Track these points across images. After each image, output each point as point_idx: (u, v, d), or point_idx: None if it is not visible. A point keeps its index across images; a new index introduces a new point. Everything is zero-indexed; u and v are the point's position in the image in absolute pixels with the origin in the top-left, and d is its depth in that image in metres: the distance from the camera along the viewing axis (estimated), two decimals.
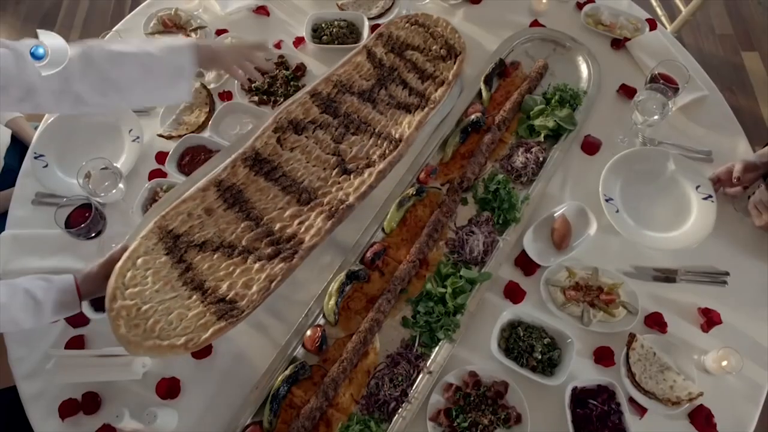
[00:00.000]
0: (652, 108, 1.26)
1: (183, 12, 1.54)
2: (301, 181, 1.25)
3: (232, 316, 1.06)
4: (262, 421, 1.10)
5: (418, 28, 1.49)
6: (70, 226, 1.11)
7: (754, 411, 1.14)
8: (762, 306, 1.22)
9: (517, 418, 1.10)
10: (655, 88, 1.26)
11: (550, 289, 1.22)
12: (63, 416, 1.10)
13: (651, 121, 1.26)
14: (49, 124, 1.39)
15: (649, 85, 1.27)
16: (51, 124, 1.38)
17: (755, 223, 1.27)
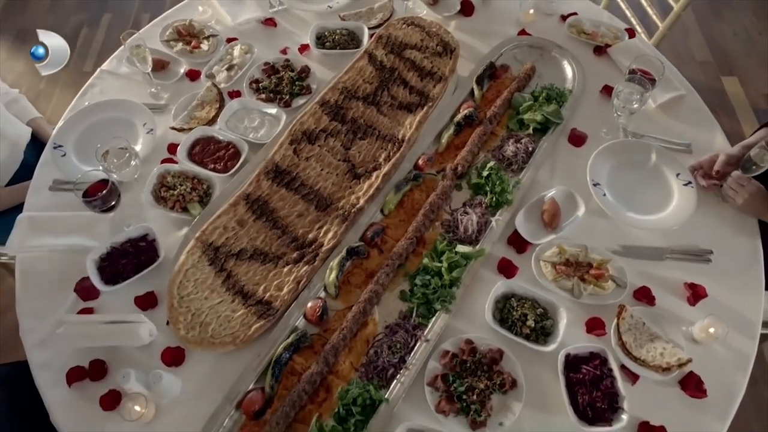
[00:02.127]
0: (632, 97, 1.35)
1: (197, 23, 1.67)
2: (318, 188, 1.37)
3: (269, 315, 1.20)
4: (264, 386, 1.13)
5: (414, 28, 1.62)
6: (88, 197, 1.18)
7: (742, 379, 1.17)
8: (745, 280, 1.28)
9: (513, 383, 1.13)
10: (634, 80, 1.36)
11: (541, 264, 1.27)
12: (70, 382, 1.13)
13: (631, 108, 1.35)
14: (69, 118, 1.48)
15: (628, 76, 1.37)
16: (71, 118, 1.48)
17: (737, 202, 1.33)
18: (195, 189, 1.35)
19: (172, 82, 1.56)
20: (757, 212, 1.34)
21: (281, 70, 1.57)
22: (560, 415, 1.10)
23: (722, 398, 1.14)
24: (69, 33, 2.89)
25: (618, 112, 1.39)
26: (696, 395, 1.13)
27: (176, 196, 1.33)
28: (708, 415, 1.13)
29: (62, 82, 2.63)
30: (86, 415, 1.11)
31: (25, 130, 1.56)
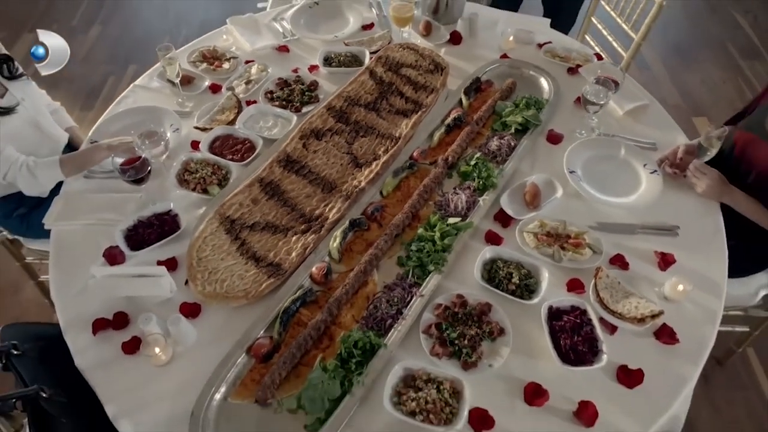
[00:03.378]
0: (599, 94, 1.56)
1: (220, 48, 1.91)
2: (323, 175, 1.54)
3: (278, 274, 1.33)
4: (272, 335, 1.23)
5: (409, 51, 1.85)
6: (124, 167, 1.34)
7: (711, 331, 1.27)
8: (709, 250, 1.41)
9: (500, 331, 1.23)
10: (599, 81, 1.57)
11: (524, 234, 1.41)
12: (95, 331, 1.24)
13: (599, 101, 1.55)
14: (104, 120, 1.68)
15: (595, 79, 1.58)
16: (106, 120, 1.68)
17: (699, 189, 1.49)
18: (215, 173, 1.52)
19: (196, 93, 1.77)
20: (718, 196, 1.49)
21: (293, 83, 1.79)
22: (545, 359, 1.20)
23: (693, 347, 1.24)
24: (97, 81, 3.18)
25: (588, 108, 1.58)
26: (669, 342, 1.24)
27: (198, 179, 1.49)
28: (681, 359, 1.22)
29: (89, 120, 2.87)
30: (108, 359, 1.21)
31: (63, 135, 1.75)
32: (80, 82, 3.16)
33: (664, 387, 1.18)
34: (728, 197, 1.47)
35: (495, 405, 1.14)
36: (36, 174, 1.48)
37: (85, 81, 3.18)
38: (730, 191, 1.47)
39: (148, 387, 1.17)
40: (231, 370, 1.17)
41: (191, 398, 1.13)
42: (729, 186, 1.47)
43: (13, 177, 1.46)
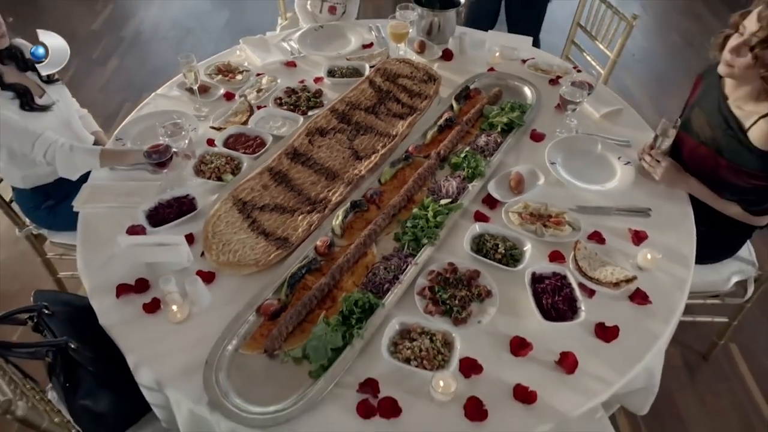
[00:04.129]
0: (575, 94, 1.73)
1: (233, 62, 2.11)
2: (327, 165, 1.69)
3: (286, 247, 1.46)
4: (280, 297, 1.35)
5: (405, 64, 2.05)
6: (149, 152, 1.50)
7: (680, 296, 1.39)
8: (678, 229, 1.54)
9: (488, 293, 1.36)
10: (575, 84, 1.75)
11: (510, 214, 1.55)
12: (118, 294, 1.36)
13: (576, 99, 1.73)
14: (128, 121, 1.85)
15: (572, 81, 1.76)
16: (130, 121, 1.85)
17: (656, 177, 1.63)
18: (228, 164, 1.67)
19: (211, 100, 1.95)
20: (673, 183, 1.63)
21: (299, 92, 1.97)
22: (529, 317, 1.32)
23: (664, 308, 1.36)
24: (114, 107, 3.39)
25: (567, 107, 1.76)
26: (642, 303, 1.36)
27: (212, 169, 1.64)
28: (653, 319, 1.34)
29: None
30: (130, 317, 1.32)
31: (89, 137, 1.92)
32: (98, 108, 3.35)
33: (638, 341, 1.29)
34: (683, 184, 1.62)
35: (483, 355, 1.25)
36: (75, 156, 1.63)
37: (103, 107, 3.38)
38: (684, 178, 1.62)
39: (166, 341, 1.28)
40: (242, 326, 1.29)
41: (205, 351, 1.23)
42: (683, 173, 1.62)
43: (52, 156, 1.61)
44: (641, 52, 3.91)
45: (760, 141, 1.47)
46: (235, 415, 1.14)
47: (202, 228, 1.48)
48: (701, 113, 1.65)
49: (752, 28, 1.41)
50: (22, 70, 1.72)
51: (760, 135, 1.47)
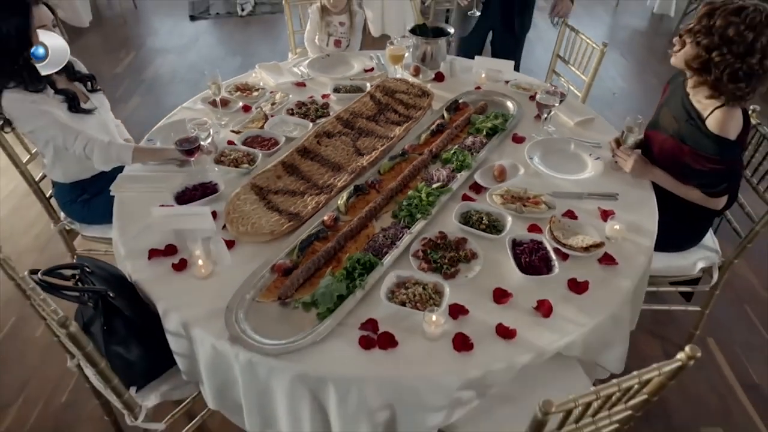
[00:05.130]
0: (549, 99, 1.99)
1: (249, 82, 2.39)
2: (333, 160, 1.93)
3: (297, 220, 1.67)
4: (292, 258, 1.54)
5: (402, 82, 2.33)
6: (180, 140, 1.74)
7: (645, 261, 1.58)
8: (642, 209, 1.75)
9: (473, 255, 1.55)
10: (549, 92, 2.01)
11: (493, 197, 1.76)
12: (150, 257, 1.55)
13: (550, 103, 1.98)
14: (159, 126, 2.10)
15: (546, 91, 2.02)
16: (160, 127, 2.10)
17: (626, 169, 1.86)
18: (245, 157, 1.90)
19: (231, 112, 2.21)
20: (641, 174, 1.85)
21: (309, 104, 2.24)
22: (510, 274, 1.50)
23: (629, 268, 1.54)
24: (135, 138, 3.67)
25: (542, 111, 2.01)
26: (609, 263, 1.54)
27: (231, 159, 1.88)
28: (619, 276, 1.52)
29: None
30: (160, 275, 1.51)
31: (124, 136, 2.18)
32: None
33: (606, 293, 1.47)
34: (650, 174, 1.84)
35: (469, 302, 1.42)
36: (111, 149, 1.86)
37: None
38: (651, 169, 1.84)
39: (192, 292, 1.46)
40: (259, 280, 1.47)
41: (226, 300, 1.41)
42: (650, 165, 1.85)
43: (91, 149, 1.83)
44: (621, 91, 4.25)
45: (716, 127, 1.70)
46: (252, 345, 1.31)
47: (224, 207, 1.69)
48: (668, 111, 1.89)
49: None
50: (71, 80, 1.98)
51: (716, 122, 1.71)
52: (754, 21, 1.59)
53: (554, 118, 2.17)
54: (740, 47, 1.61)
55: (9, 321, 2.39)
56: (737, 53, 1.62)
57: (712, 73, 1.67)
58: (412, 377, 1.29)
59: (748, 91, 1.67)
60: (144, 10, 5.64)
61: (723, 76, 1.65)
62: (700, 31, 1.67)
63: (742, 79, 1.64)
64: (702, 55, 1.67)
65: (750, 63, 1.61)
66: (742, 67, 1.62)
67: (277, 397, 1.36)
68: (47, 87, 1.86)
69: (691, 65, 1.72)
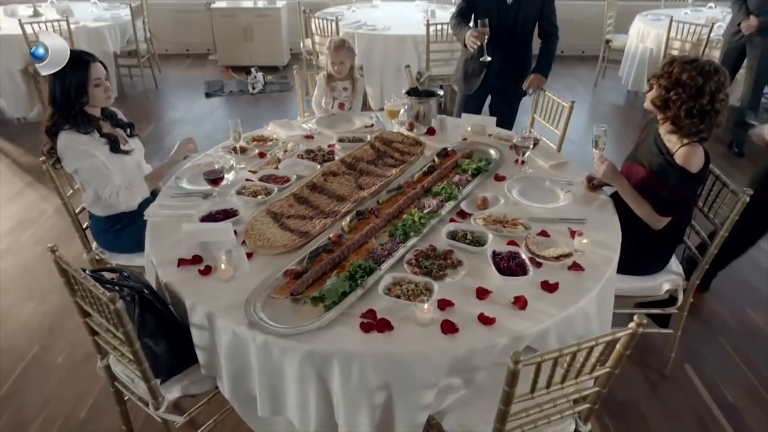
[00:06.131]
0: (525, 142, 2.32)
1: (264, 135, 2.73)
2: (338, 193, 2.22)
3: (307, 236, 1.93)
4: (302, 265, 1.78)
5: (398, 134, 2.67)
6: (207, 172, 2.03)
7: (607, 269, 1.81)
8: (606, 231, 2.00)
9: (459, 262, 1.79)
10: (524, 137, 2.34)
11: (477, 220, 2.02)
12: (179, 265, 1.79)
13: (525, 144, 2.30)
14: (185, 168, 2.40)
15: (522, 136, 2.35)
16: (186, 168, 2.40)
17: (599, 174, 2.15)
18: (262, 190, 2.19)
19: (248, 157, 2.53)
20: (611, 179, 2.14)
21: (316, 152, 2.56)
22: (490, 277, 1.73)
23: (595, 274, 1.78)
24: None
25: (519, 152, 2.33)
26: (577, 269, 1.78)
27: (250, 191, 2.16)
28: (586, 280, 1.75)
29: None
30: (187, 278, 1.74)
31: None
32: None
33: (574, 292, 1.70)
34: (618, 182, 2.13)
35: (455, 298, 1.64)
36: (133, 191, 2.17)
37: None
38: (620, 177, 2.13)
39: (215, 292, 1.68)
40: (273, 281, 1.70)
41: (245, 296, 1.64)
42: (619, 173, 2.14)
43: (116, 197, 2.16)
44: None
45: (681, 160, 2.00)
46: (268, 329, 1.52)
47: (243, 227, 1.95)
48: (644, 147, 2.21)
49: None
50: (114, 126, 2.32)
51: (681, 156, 2.01)
52: (703, 69, 1.96)
53: (532, 162, 2.49)
54: (692, 89, 1.96)
55: (32, 349, 2.56)
56: (690, 94, 1.96)
57: (671, 110, 2.01)
58: (406, 354, 1.49)
59: (702, 128, 1.99)
60: (164, 89, 6.18)
61: (680, 113, 1.98)
62: (662, 75, 2.03)
63: (696, 116, 1.97)
64: (663, 95, 2.02)
65: (701, 103, 1.95)
66: (695, 106, 1.96)
67: (287, 378, 1.55)
68: (95, 130, 2.19)
69: (655, 103, 2.06)
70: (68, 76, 2.07)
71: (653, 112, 2.12)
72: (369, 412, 1.53)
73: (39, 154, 2.22)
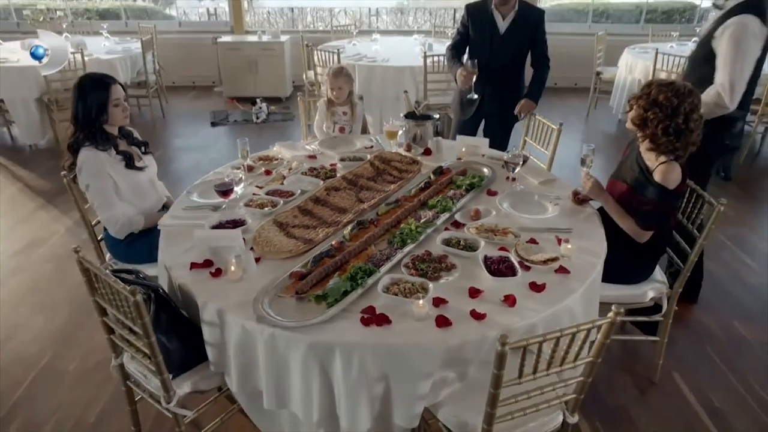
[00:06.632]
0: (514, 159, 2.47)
1: (270, 155, 2.89)
2: (339, 206, 2.37)
3: (311, 243, 2.06)
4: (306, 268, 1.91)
5: (396, 153, 2.83)
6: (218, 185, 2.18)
7: (591, 271, 1.94)
8: (590, 238, 2.14)
9: (453, 266, 1.92)
10: (514, 155, 2.50)
11: (470, 229, 2.16)
12: (191, 268, 1.91)
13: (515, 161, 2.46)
14: (196, 184, 2.55)
15: (512, 154, 2.51)
16: (196, 184, 2.55)
17: (585, 191, 2.29)
18: (269, 203, 2.33)
19: (255, 174, 2.68)
20: (596, 195, 2.28)
21: (319, 169, 2.72)
22: (482, 279, 1.86)
23: (580, 276, 1.90)
24: None
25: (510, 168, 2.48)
26: (563, 272, 1.90)
27: (258, 204, 2.30)
28: (571, 282, 1.87)
29: None
30: (199, 279, 1.86)
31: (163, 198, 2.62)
32: None
33: (560, 292, 1.82)
34: (602, 197, 2.27)
35: (449, 296, 1.76)
36: (132, 227, 2.37)
37: None
38: (604, 193, 2.27)
39: (226, 291, 1.80)
40: (280, 282, 1.83)
41: (254, 294, 1.76)
42: (603, 190, 2.28)
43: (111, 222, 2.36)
44: None
45: (659, 178, 2.15)
46: (274, 322, 1.63)
47: (251, 235, 2.09)
48: (627, 165, 2.37)
49: None
50: (129, 144, 2.48)
51: (659, 174, 2.15)
52: (679, 91, 2.12)
53: (522, 179, 2.64)
54: (668, 109, 2.12)
55: (44, 358, 2.65)
56: (666, 113, 2.12)
57: (649, 128, 2.16)
58: (402, 345, 1.60)
59: (678, 146, 2.14)
60: (171, 119, 6.41)
61: (657, 131, 2.14)
62: (641, 97, 2.20)
63: (672, 134, 2.13)
64: (641, 114, 2.18)
65: (677, 122, 2.11)
66: (671, 125, 2.12)
67: (292, 370, 1.66)
68: (112, 147, 2.35)
69: (635, 122, 2.22)
70: (90, 96, 2.24)
71: (633, 131, 2.28)
72: (368, 402, 1.63)
73: (50, 179, 2.42)
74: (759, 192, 4.67)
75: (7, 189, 4.47)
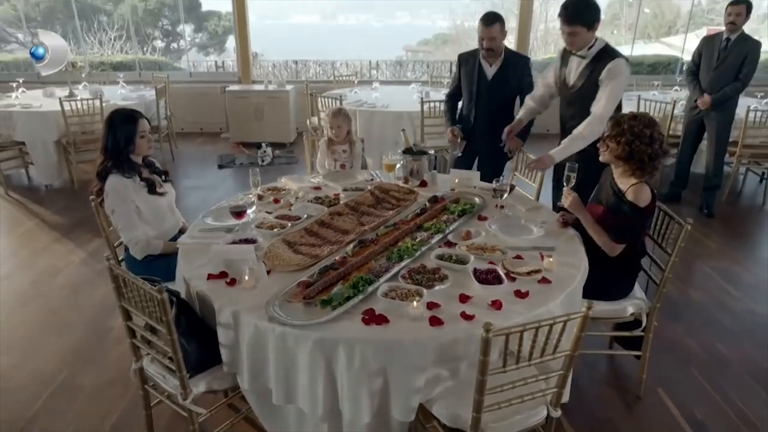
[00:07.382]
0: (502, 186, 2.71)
1: (278, 186, 3.13)
2: (342, 228, 2.59)
3: (316, 259, 2.27)
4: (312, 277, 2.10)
5: (394, 184, 3.08)
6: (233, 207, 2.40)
7: (571, 282, 2.13)
8: (571, 255, 2.35)
9: (445, 276, 2.11)
10: (501, 183, 2.74)
11: (461, 246, 2.37)
12: (208, 278, 2.11)
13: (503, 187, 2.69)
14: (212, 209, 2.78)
15: (498, 182, 2.75)
16: (212, 209, 2.77)
17: (566, 205, 2.50)
18: (277, 225, 2.55)
19: (264, 203, 2.91)
20: (576, 210, 2.49)
21: (323, 199, 2.95)
22: (472, 288, 2.05)
23: (561, 286, 2.10)
24: None
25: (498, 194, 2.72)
26: (546, 282, 2.10)
27: (268, 225, 2.52)
28: (553, 290, 2.07)
29: None
30: (215, 288, 2.05)
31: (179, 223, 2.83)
32: None
33: (542, 298, 2.01)
34: (581, 213, 2.48)
35: (441, 301, 1.95)
36: (150, 249, 2.56)
37: None
38: (582, 209, 2.48)
39: (240, 297, 1.99)
40: (289, 290, 2.02)
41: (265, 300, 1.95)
42: (582, 206, 2.50)
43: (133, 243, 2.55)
44: None
45: (631, 197, 2.38)
46: (284, 321, 1.82)
47: (262, 252, 2.29)
48: (603, 190, 2.60)
49: None
50: (151, 173, 2.72)
51: (631, 194, 2.38)
52: (647, 122, 2.39)
53: (511, 207, 2.86)
54: (646, 138, 2.37)
55: (61, 375, 2.80)
56: (646, 142, 2.37)
57: (635, 159, 2.40)
58: (399, 341, 1.78)
59: (656, 165, 2.38)
60: (180, 161, 6.71)
61: (645, 158, 2.37)
62: (618, 134, 2.43)
63: (654, 158, 2.37)
64: (626, 149, 2.41)
65: (654, 148, 2.36)
66: (652, 152, 2.36)
67: (299, 366, 1.83)
68: (137, 175, 2.59)
69: (620, 156, 2.44)
70: (120, 129, 2.51)
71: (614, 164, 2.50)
72: (369, 395, 1.79)
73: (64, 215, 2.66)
74: (740, 228, 4.90)
75: (25, 224, 4.71)
